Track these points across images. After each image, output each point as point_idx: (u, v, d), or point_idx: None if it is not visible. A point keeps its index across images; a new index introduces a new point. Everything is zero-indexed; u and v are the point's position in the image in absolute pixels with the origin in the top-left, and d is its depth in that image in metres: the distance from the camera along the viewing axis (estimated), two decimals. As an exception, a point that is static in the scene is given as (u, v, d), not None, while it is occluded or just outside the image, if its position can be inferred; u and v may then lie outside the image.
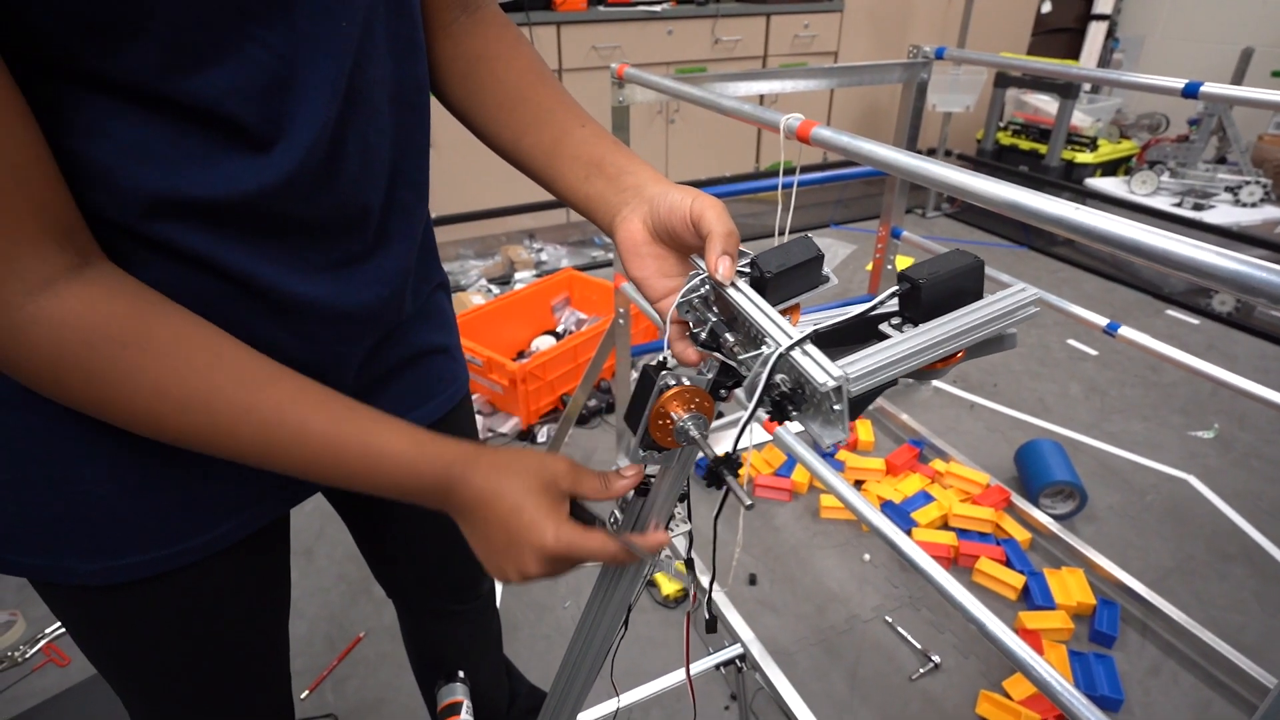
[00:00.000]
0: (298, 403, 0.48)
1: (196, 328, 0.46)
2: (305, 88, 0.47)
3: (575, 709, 0.74)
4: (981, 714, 1.40)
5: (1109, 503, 1.94)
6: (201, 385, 0.45)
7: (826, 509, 1.88)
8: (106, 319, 0.42)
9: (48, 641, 1.55)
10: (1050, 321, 2.87)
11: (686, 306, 0.52)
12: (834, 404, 0.40)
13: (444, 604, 0.97)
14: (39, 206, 0.40)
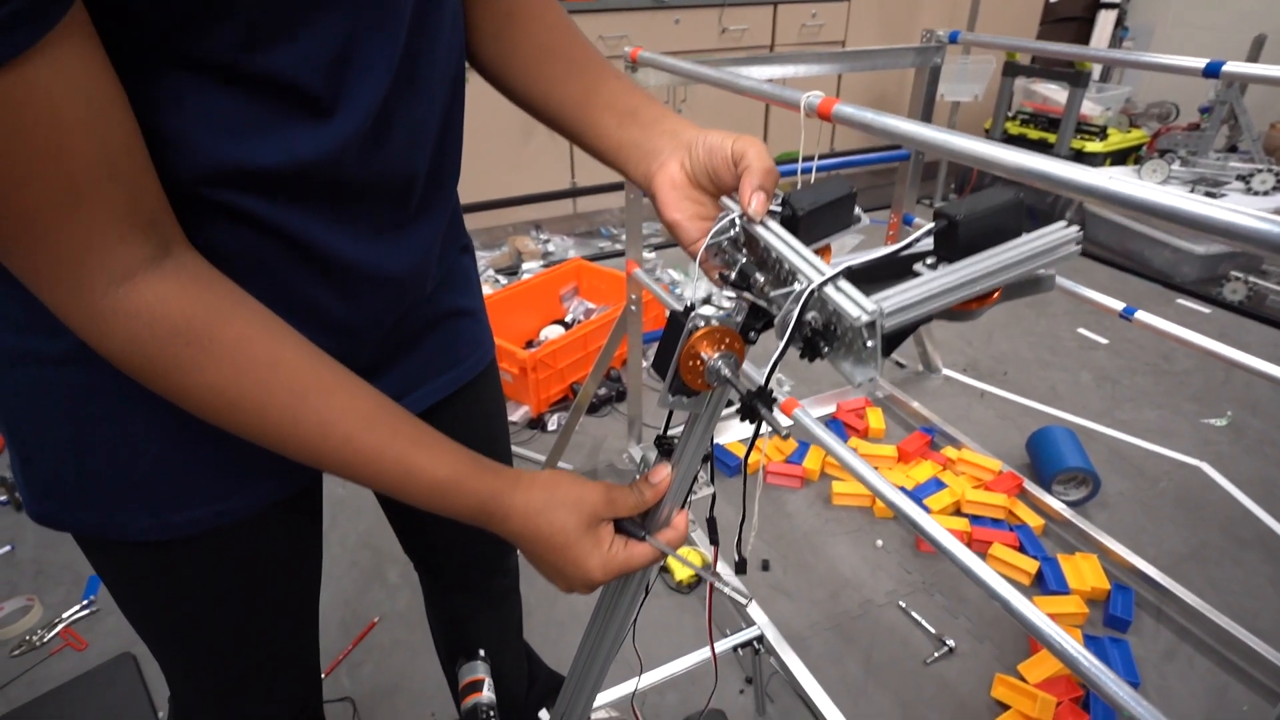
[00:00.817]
0: (345, 418, 0.49)
1: (262, 330, 0.47)
2: (365, 60, 0.48)
3: (596, 685, 0.74)
4: (997, 697, 1.40)
5: (1121, 489, 1.93)
6: (255, 390, 0.46)
7: (839, 495, 1.88)
8: (177, 315, 0.43)
9: (64, 626, 1.56)
10: (1060, 310, 2.86)
11: (716, 248, 0.52)
12: (867, 340, 0.40)
13: (472, 579, 0.98)
14: (130, 195, 0.40)
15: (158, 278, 0.42)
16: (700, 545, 1.68)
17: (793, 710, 1.38)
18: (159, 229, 0.43)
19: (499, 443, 0.89)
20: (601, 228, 3.68)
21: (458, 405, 0.77)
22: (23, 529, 1.84)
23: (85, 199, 0.38)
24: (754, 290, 0.49)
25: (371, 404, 0.50)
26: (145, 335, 0.42)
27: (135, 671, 1.45)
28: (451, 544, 0.92)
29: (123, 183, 0.40)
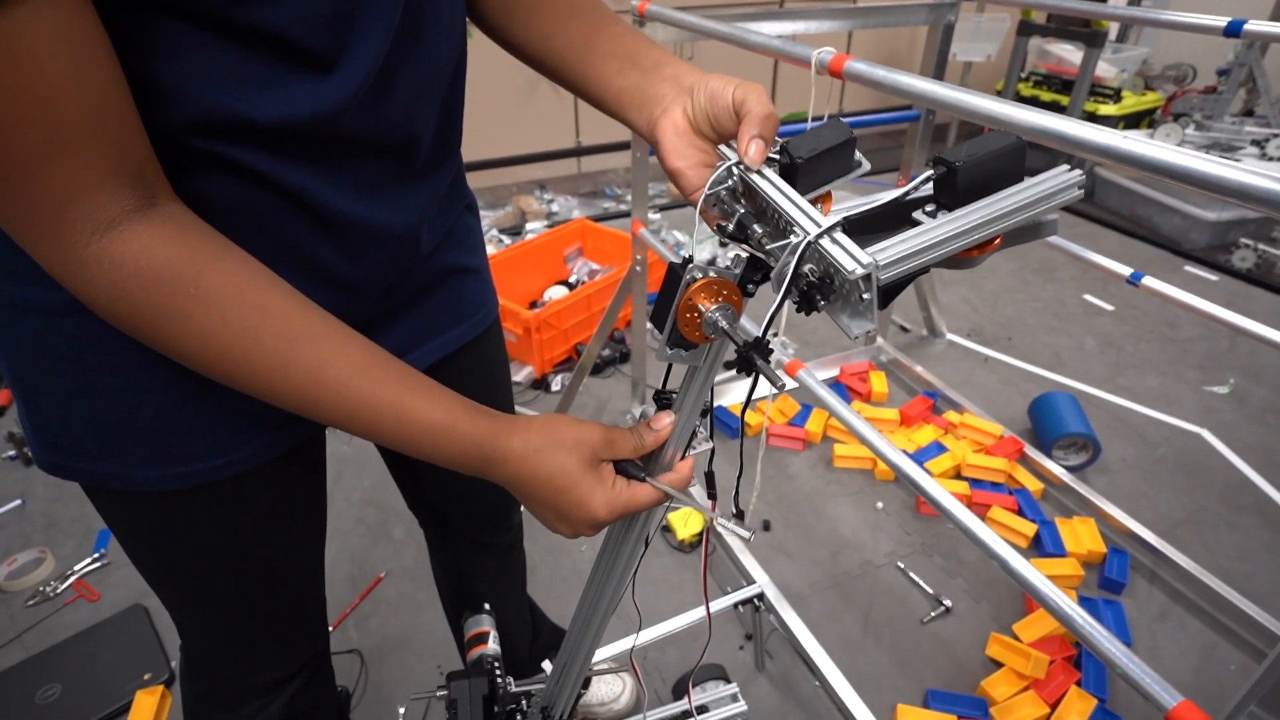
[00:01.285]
0: (336, 363, 0.48)
1: (249, 279, 0.46)
2: (366, 16, 0.47)
3: (597, 638, 0.75)
4: (991, 655, 1.43)
5: (1122, 455, 1.94)
6: (244, 336, 0.45)
7: (840, 458, 1.89)
8: (161, 264, 0.42)
9: (77, 578, 1.59)
10: (1066, 276, 2.84)
11: (714, 199, 0.51)
12: (863, 292, 0.39)
13: (476, 534, 0.99)
14: (114, 146, 0.40)
15: (143, 227, 0.42)
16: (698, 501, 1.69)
17: (791, 667, 1.42)
18: (145, 180, 0.42)
19: (502, 402, 0.90)
20: (606, 188, 3.64)
21: (460, 363, 0.78)
22: (32, 483, 1.87)
23: (68, 148, 0.38)
24: (752, 242, 0.48)
25: (362, 350, 0.49)
26: (130, 284, 0.42)
27: (147, 622, 1.49)
28: (454, 499, 0.93)
29: (107, 133, 0.40)
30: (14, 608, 1.54)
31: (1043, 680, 1.35)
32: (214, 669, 0.76)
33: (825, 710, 1.34)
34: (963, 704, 1.33)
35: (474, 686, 0.75)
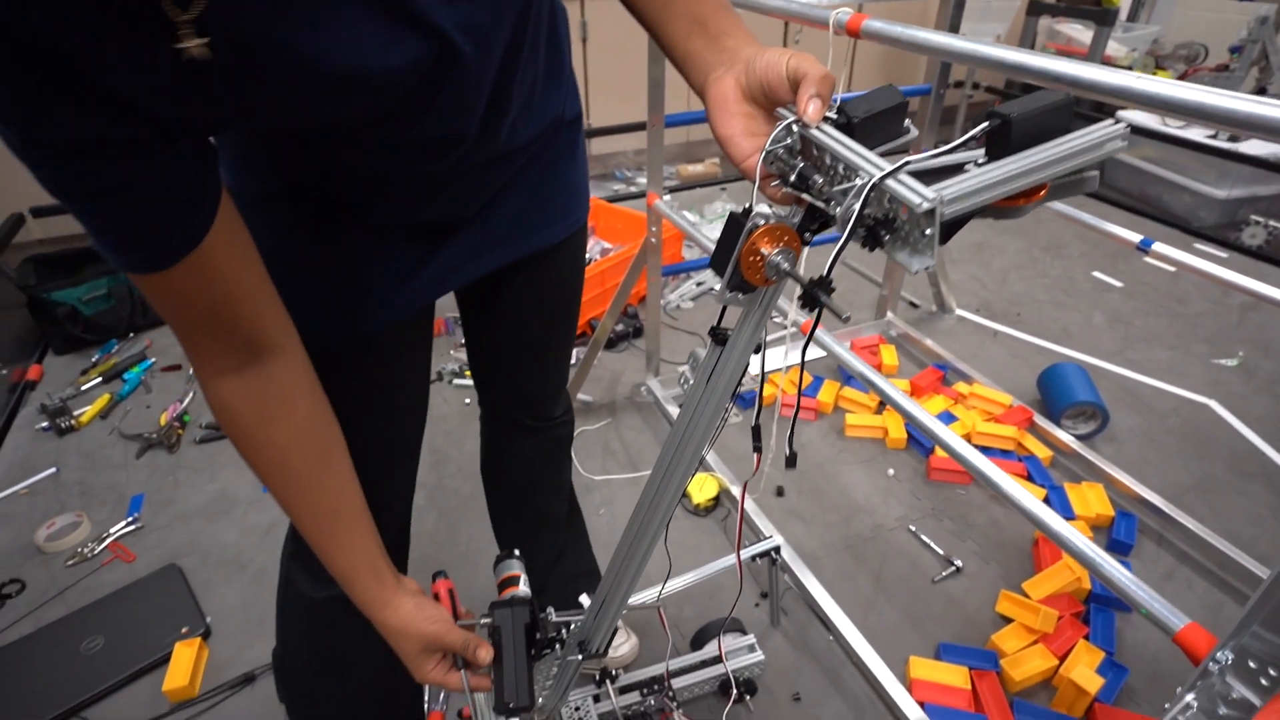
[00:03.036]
0: (317, 520, 0.71)
1: (299, 441, 0.67)
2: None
3: (636, 576, 0.78)
4: (1001, 612, 1.46)
5: (1130, 425, 1.97)
6: (281, 480, 0.68)
7: (851, 427, 1.93)
8: (248, 410, 0.64)
9: (113, 540, 1.64)
10: (1075, 254, 2.86)
11: (772, 157, 0.54)
12: (925, 228, 0.42)
13: (520, 418, 1.09)
14: (226, 331, 0.60)
15: (238, 379, 0.62)
16: (717, 471, 1.73)
17: (806, 623, 1.46)
18: (250, 346, 0.62)
19: (568, 309, 1.01)
20: (616, 170, 3.66)
21: (547, 264, 0.90)
22: (65, 452, 1.92)
23: (197, 330, 0.60)
24: (812, 191, 0.51)
25: (338, 510, 0.71)
26: (219, 414, 0.64)
27: (182, 580, 1.54)
28: (508, 384, 1.06)
29: (222, 322, 0.59)
30: (55, 568, 1.59)
31: (1051, 634, 1.39)
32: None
33: (839, 663, 1.38)
34: (974, 656, 1.37)
35: (516, 615, 0.79)
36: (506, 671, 0.75)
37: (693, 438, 0.63)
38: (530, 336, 0.99)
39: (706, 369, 0.62)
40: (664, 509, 0.67)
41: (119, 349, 2.32)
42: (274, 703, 1.32)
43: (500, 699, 0.74)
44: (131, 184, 0.49)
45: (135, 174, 0.49)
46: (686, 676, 1.25)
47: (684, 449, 0.64)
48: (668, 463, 0.65)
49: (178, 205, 0.52)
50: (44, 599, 1.52)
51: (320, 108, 0.55)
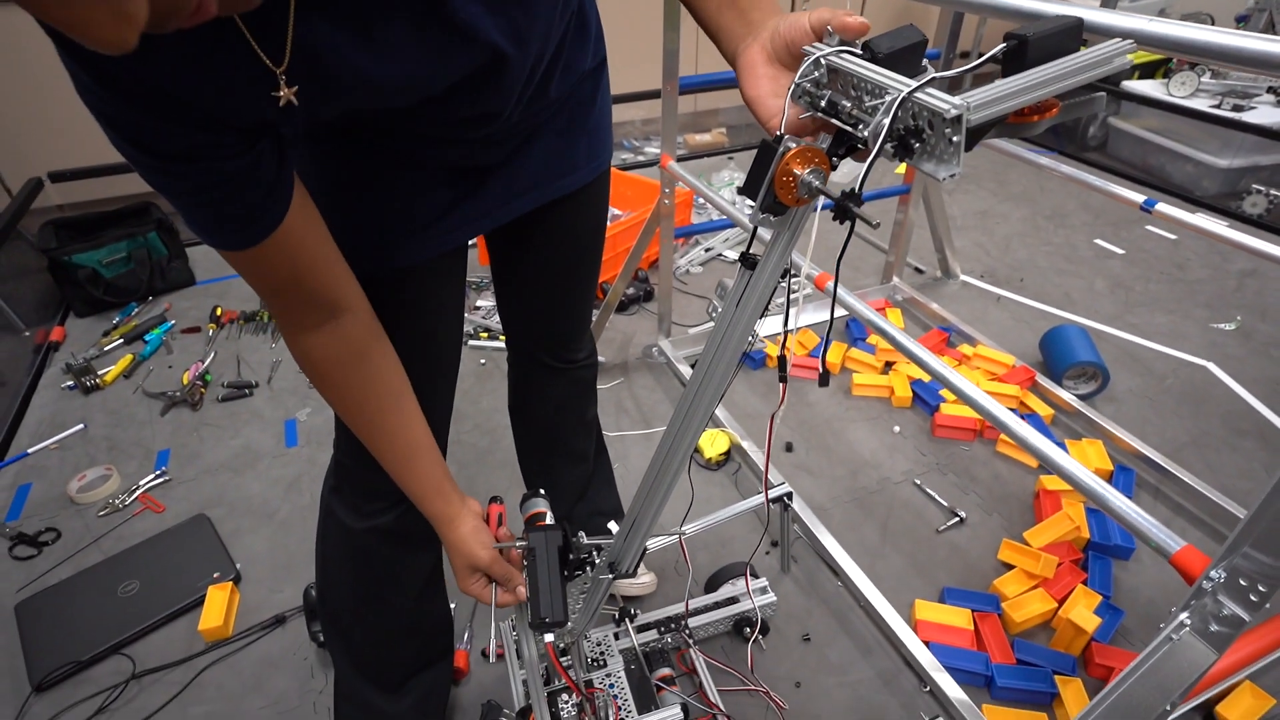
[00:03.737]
0: (393, 445, 0.81)
1: (374, 384, 0.77)
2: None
3: (665, 498, 0.82)
4: (1003, 559, 1.52)
5: (1129, 385, 2.02)
6: (361, 418, 0.79)
7: (858, 386, 1.97)
8: (329, 359, 0.74)
9: (142, 492, 1.69)
10: (1078, 222, 2.89)
11: (800, 90, 0.58)
12: (953, 136, 0.46)
13: (545, 359, 1.13)
14: (308, 293, 0.70)
15: (323, 335, 0.72)
16: (728, 426, 1.78)
17: (814, 570, 1.51)
18: (326, 308, 0.71)
19: (592, 252, 1.05)
20: (624, 140, 3.67)
21: (572, 207, 0.94)
22: (92, 409, 1.97)
23: (282, 293, 0.69)
24: (841, 116, 0.54)
25: (411, 443, 0.82)
26: (308, 365, 0.75)
27: (211, 529, 1.59)
28: (533, 324, 1.11)
29: (303, 285, 0.69)
30: (88, 518, 1.64)
31: (1051, 580, 1.44)
32: (355, 476, 0.93)
33: (847, 607, 1.44)
34: (976, 600, 1.43)
35: (550, 538, 0.83)
36: (541, 589, 0.80)
37: (723, 357, 0.67)
38: (555, 278, 1.03)
39: (736, 293, 0.66)
40: (697, 422, 0.71)
41: (139, 312, 2.36)
42: (304, 642, 1.38)
43: (536, 614, 0.79)
44: (224, 181, 0.57)
45: (228, 173, 0.57)
46: (702, 616, 1.30)
47: (715, 367, 0.68)
48: (700, 379, 0.69)
49: (262, 193, 0.60)
50: (80, 546, 1.57)
51: (378, 104, 0.64)
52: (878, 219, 0.53)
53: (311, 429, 1.89)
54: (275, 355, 2.17)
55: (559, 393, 1.19)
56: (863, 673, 1.32)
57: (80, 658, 1.32)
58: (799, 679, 1.31)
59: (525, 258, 1.00)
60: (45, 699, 1.29)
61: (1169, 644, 0.80)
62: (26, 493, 1.72)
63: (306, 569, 1.51)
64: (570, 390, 1.21)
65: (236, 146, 0.56)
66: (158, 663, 1.34)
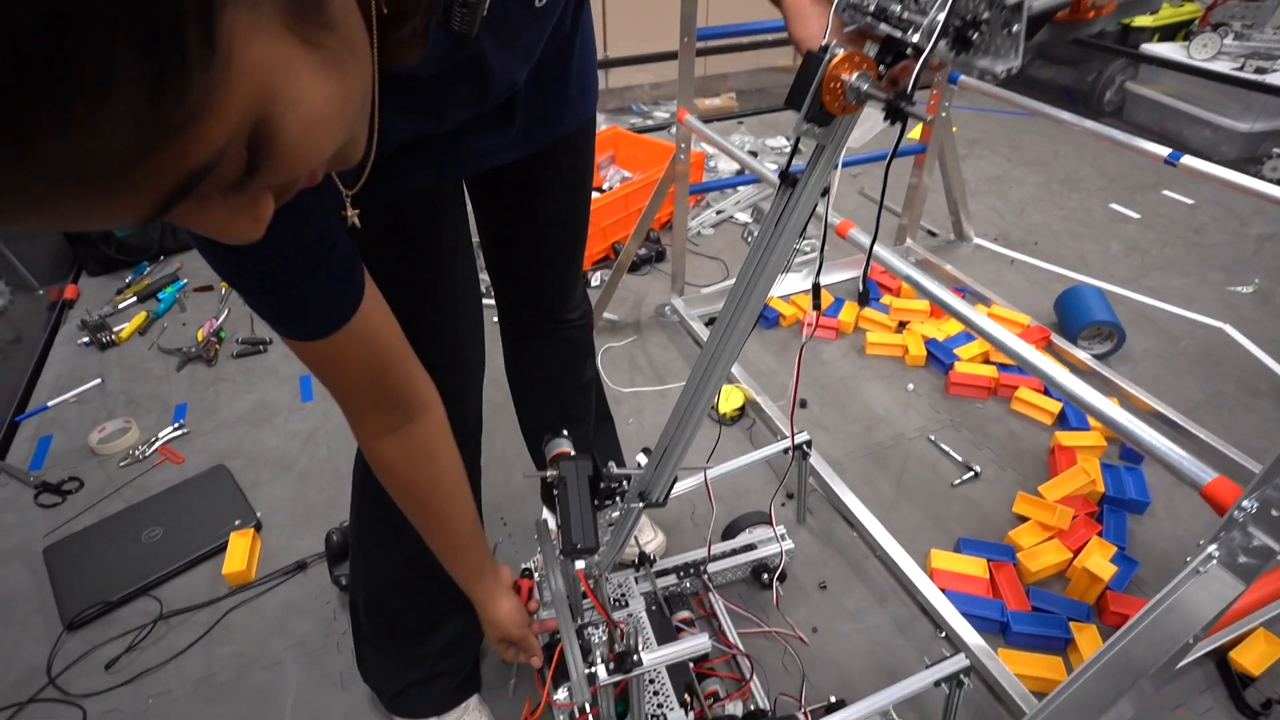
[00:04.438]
0: (454, 551, 0.90)
1: (438, 480, 0.82)
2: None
3: (696, 426, 0.82)
4: (1018, 512, 1.53)
5: (1144, 346, 2.01)
6: (421, 514, 0.84)
7: (872, 345, 1.97)
8: (400, 460, 0.78)
9: (161, 444, 1.71)
10: (1093, 187, 2.86)
11: (844, 4, 0.57)
12: (1013, 25, 0.45)
13: (534, 320, 1.12)
14: (383, 395, 0.71)
15: (394, 440, 0.76)
16: (742, 383, 1.79)
17: (830, 521, 1.52)
18: (400, 410, 0.74)
19: (579, 203, 1.02)
20: (632, 104, 3.63)
21: (558, 157, 0.92)
22: (109, 365, 1.97)
23: (356, 397, 0.71)
24: (890, 20, 0.53)
25: (461, 534, 0.88)
26: (377, 465, 0.78)
27: (231, 479, 1.61)
28: (522, 285, 1.09)
29: (378, 386, 0.70)
30: (109, 468, 1.66)
31: (1066, 531, 1.45)
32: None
33: (862, 556, 1.45)
34: (992, 550, 1.44)
35: (580, 467, 0.84)
36: (573, 517, 0.81)
37: (761, 278, 0.67)
38: (542, 233, 1.00)
39: (775, 212, 0.66)
40: (736, 338, 0.70)
41: (151, 271, 2.36)
42: (326, 586, 1.40)
43: (568, 541, 0.80)
44: (299, 280, 0.59)
45: (301, 272, 0.58)
46: (720, 562, 1.32)
47: (753, 288, 0.68)
48: (737, 301, 0.69)
49: (335, 288, 0.61)
50: (102, 495, 1.59)
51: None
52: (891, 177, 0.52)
53: (327, 384, 1.90)
54: (289, 313, 2.17)
55: (552, 354, 1.17)
56: (878, 619, 1.34)
57: (110, 598, 1.35)
58: (815, 624, 1.32)
59: (512, 211, 0.97)
60: (77, 636, 1.32)
61: (1196, 576, 0.80)
62: (48, 444, 1.73)
63: (326, 518, 1.52)
64: (564, 352, 1.19)
65: (309, 251, 0.58)
66: (184, 604, 1.37)
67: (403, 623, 1.08)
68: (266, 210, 0.33)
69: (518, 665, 1.17)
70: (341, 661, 1.27)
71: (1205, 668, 1.27)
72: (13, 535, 1.51)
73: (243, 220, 0.32)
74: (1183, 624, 0.80)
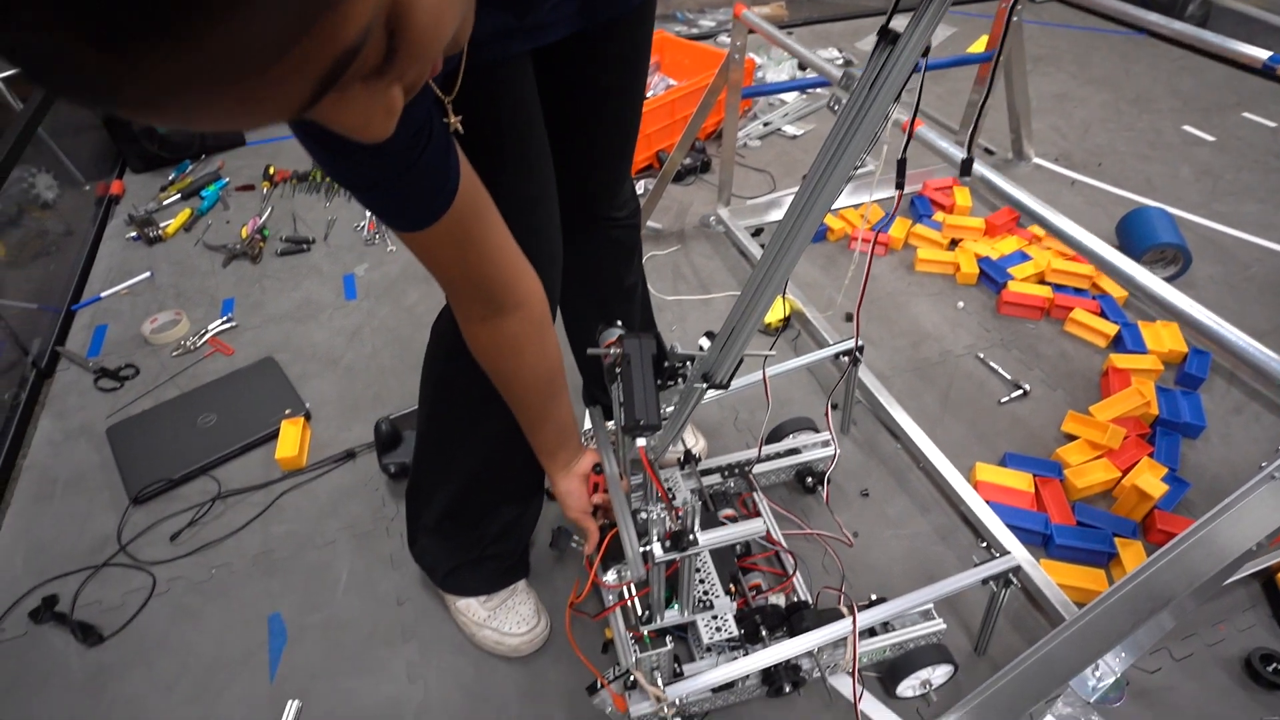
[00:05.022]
0: (539, 429, 0.95)
1: (522, 365, 0.85)
2: None
3: (763, 311, 0.80)
4: (1067, 431, 1.50)
5: (1210, 272, 1.93)
6: (509, 395, 0.89)
7: (922, 262, 1.92)
8: (491, 345, 0.82)
9: (211, 336, 1.74)
10: (1166, 107, 2.70)
11: None
12: None
13: (580, 214, 1.07)
14: (476, 288, 0.76)
15: (487, 326, 0.80)
16: (788, 293, 1.75)
17: (874, 432, 1.51)
18: (493, 302, 0.77)
19: (633, 90, 0.98)
20: (677, 11, 3.48)
21: (618, 33, 0.88)
22: (157, 259, 2.00)
23: (451, 281, 0.76)
24: None
25: (544, 421, 0.94)
26: (471, 345, 0.82)
27: (280, 370, 1.64)
28: (579, 173, 1.04)
29: (468, 278, 0.74)
30: (163, 357, 1.70)
31: (1116, 450, 1.43)
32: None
33: (905, 467, 1.44)
34: (1039, 465, 1.42)
35: (644, 345, 0.83)
36: (636, 393, 0.80)
37: (851, 145, 0.64)
38: (600, 110, 0.96)
39: (872, 73, 0.62)
40: (820, 207, 0.67)
41: (193, 169, 2.35)
42: (375, 474, 1.43)
43: (630, 417, 0.80)
44: (397, 176, 0.60)
45: (403, 167, 0.60)
46: (765, 464, 1.32)
47: (840, 157, 0.64)
48: (820, 172, 0.66)
49: (429, 185, 0.63)
50: (158, 382, 1.63)
51: None
52: (950, 95, 0.48)
53: (370, 284, 1.91)
54: (330, 214, 2.16)
55: (598, 254, 1.14)
56: (920, 527, 1.34)
57: (172, 475, 1.40)
58: (857, 530, 1.33)
59: (573, 90, 0.93)
60: (143, 510, 1.38)
61: (1270, 482, 0.78)
62: (104, 333, 1.77)
63: (373, 410, 1.55)
64: (608, 250, 1.16)
65: (412, 149, 0.60)
66: (240, 486, 1.41)
67: (463, 508, 1.11)
68: (398, 104, 0.34)
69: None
70: (391, 544, 1.32)
71: (1250, 587, 1.26)
72: (77, 416, 1.57)
73: (379, 113, 0.34)
74: (1249, 530, 0.78)
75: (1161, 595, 0.81)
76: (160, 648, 1.18)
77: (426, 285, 1.91)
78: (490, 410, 1.00)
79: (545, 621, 1.18)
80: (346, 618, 1.22)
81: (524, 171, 0.85)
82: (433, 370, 1.03)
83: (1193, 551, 0.81)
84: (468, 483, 1.08)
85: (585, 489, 1.00)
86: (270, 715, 1.10)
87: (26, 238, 1.86)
